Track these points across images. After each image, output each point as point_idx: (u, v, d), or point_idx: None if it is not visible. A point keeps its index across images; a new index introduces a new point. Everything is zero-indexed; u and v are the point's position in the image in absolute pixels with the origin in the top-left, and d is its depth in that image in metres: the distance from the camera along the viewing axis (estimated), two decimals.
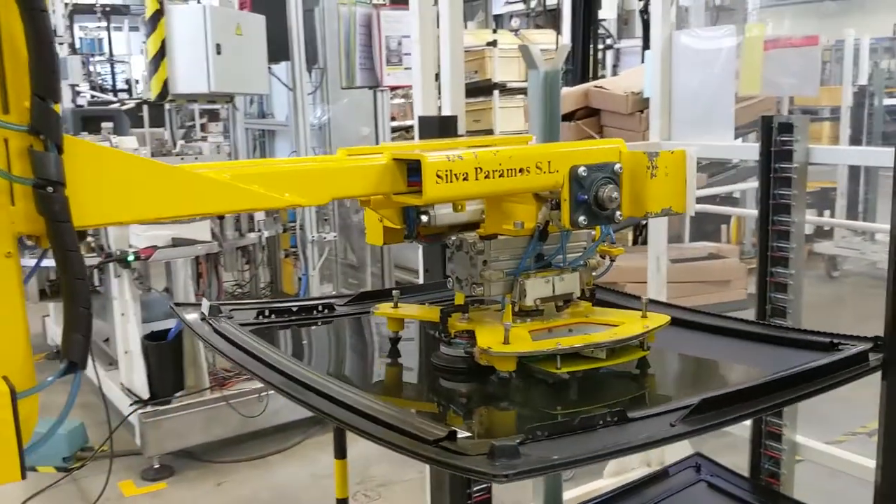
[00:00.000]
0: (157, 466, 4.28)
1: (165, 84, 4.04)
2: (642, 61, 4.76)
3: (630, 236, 5.64)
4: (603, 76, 7.20)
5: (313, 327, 2.33)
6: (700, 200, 5.07)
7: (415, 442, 1.42)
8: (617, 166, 1.81)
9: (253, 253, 5.60)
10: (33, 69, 1.15)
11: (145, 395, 4.32)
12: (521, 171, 1.76)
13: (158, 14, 4.02)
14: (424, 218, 1.90)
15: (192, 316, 2.15)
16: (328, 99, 5.47)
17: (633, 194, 1.84)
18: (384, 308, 2.09)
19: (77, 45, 12.98)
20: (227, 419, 4.38)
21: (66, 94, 7.68)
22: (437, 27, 2.89)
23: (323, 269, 5.38)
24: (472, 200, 1.90)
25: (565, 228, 1.83)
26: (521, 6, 10.02)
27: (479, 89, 6.78)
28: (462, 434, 1.47)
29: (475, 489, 2.90)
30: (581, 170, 1.76)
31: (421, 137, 2.58)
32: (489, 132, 6.63)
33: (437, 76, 2.89)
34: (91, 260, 4.41)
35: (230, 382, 4.54)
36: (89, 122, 6.61)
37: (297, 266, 5.04)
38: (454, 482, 2.97)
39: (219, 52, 4.06)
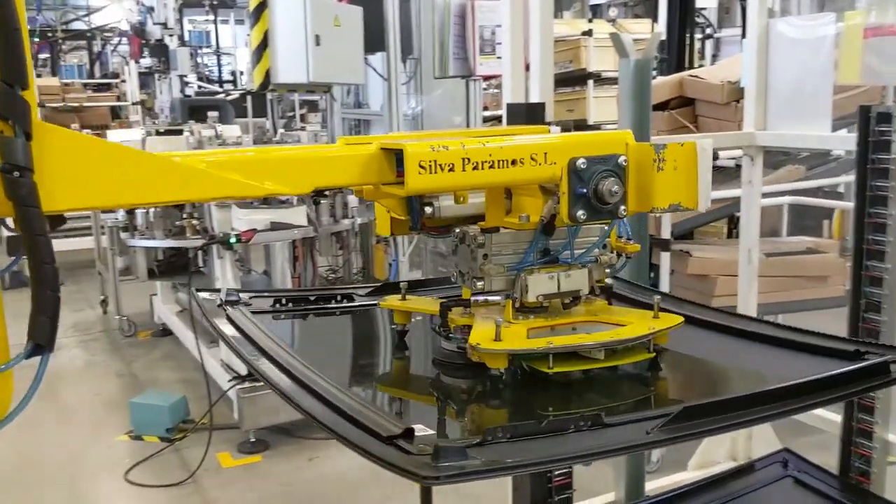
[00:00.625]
0: (252, 440, 4.48)
1: (267, 74, 4.21)
2: (742, 50, 4.66)
3: (725, 229, 5.53)
4: (701, 66, 7.06)
5: (325, 317, 2.28)
6: (798, 194, 4.93)
7: (366, 436, 1.38)
8: (622, 159, 1.73)
9: (346, 238, 5.76)
10: (0, 56, 1.15)
11: (243, 371, 4.52)
12: (513, 162, 1.68)
13: (262, 6, 4.18)
14: (429, 210, 1.84)
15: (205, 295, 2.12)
16: (422, 89, 5.56)
17: (638, 188, 1.74)
18: (391, 300, 2.05)
19: (186, 38, 13.55)
20: None
21: (175, 84, 8.05)
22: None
23: (413, 255, 5.48)
24: (472, 193, 1.82)
25: (566, 223, 1.73)
26: None
27: (574, 79, 6.75)
28: (425, 432, 1.41)
29: (556, 474, 2.94)
30: (580, 162, 1.69)
31: (508, 125, 2.63)
32: (583, 122, 6.60)
33: (529, 66, 2.92)
34: (195, 241, 4.64)
35: None
36: (196, 111, 6.93)
37: (387, 252, 5.16)
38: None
39: (318, 44, 4.19)
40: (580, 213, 1.68)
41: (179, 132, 5.75)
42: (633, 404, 1.78)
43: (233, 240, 4.22)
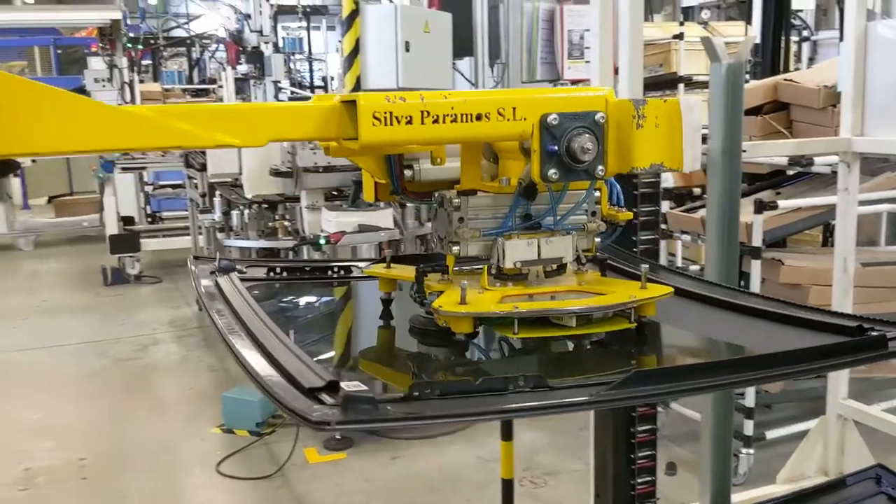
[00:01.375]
0: (338, 437, 4.57)
1: (358, 80, 4.31)
2: (839, 54, 4.52)
3: (820, 237, 5.36)
4: (797, 69, 6.85)
5: (318, 287, 2.29)
6: None
7: (290, 387, 1.34)
8: (599, 115, 1.62)
9: (430, 242, 5.81)
10: None
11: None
12: (478, 117, 1.60)
13: (354, 14, 4.28)
14: (409, 172, 1.80)
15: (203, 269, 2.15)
16: None
17: (618, 147, 1.65)
18: (376, 268, 2.00)
19: (280, 45, 13.91)
20: None
21: (269, 90, 8.29)
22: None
23: None
24: (453, 156, 1.76)
25: (539, 184, 1.65)
26: None
27: (664, 82, 6.65)
28: (354, 388, 1.35)
29: (639, 481, 2.91)
30: (552, 118, 1.60)
31: None
32: None
33: (617, 70, 2.90)
34: (287, 242, 4.78)
35: None
36: None
37: None
38: (618, 474, 3.00)
39: (407, 50, 4.27)
40: (552, 172, 1.61)
41: None
42: (591, 370, 1.72)
43: (322, 241, 4.34)
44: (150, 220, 11.14)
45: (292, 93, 10.57)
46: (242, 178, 5.06)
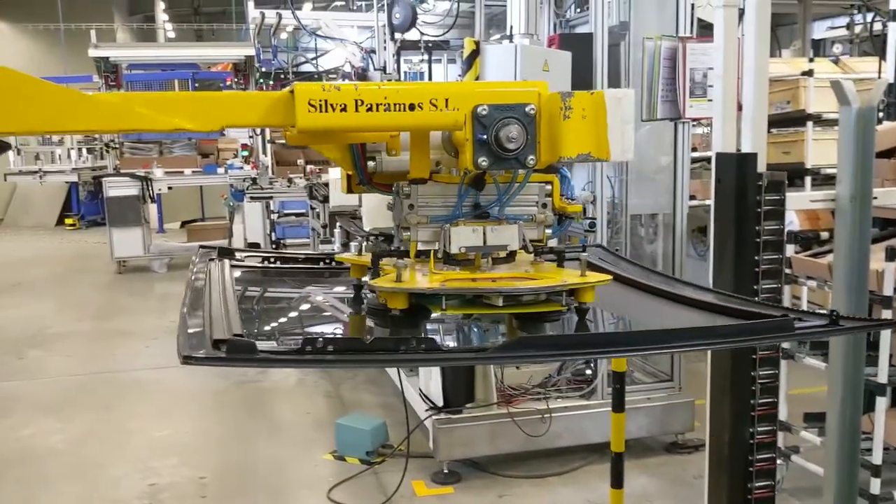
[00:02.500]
0: (446, 471, 4.60)
1: None
2: None
3: None
4: None
5: (309, 276, 2.49)
6: None
7: (206, 340, 1.55)
8: (529, 107, 1.71)
9: None
10: None
11: (440, 401, 4.66)
12: (411, 107, 1.70)
13: (475, 53, 4.35)
14: (371, 164, 1.92)
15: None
16: None
17: (549, 138, 1.73)
18: (348, 255, 2.15)
19: (402, 79, 14.25)
20: (512, 435, 4.58)
21: None
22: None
23: None
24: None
25: (469, 171, 1.75)
26: (844, 32, 9.31)
27: (792, 120, 6.42)
28: (267, 347, 1.54)
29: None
30: (481, 108, 1.70)
31: (717, 176, 2.57)
32: (800, 166, 6.25)
33: (741, 107, 2.84)
34: None
35: (516, 400, 4.75)
36: None
37: None
38: None
39: None
40: (482, 160, 1.69)
41: None
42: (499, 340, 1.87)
43: None
44: (274, 246, 11.59)
45: None
46: (361, 210, 5.20)
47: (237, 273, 2.40)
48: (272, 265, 2.54)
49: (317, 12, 10.14)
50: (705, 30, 5.41)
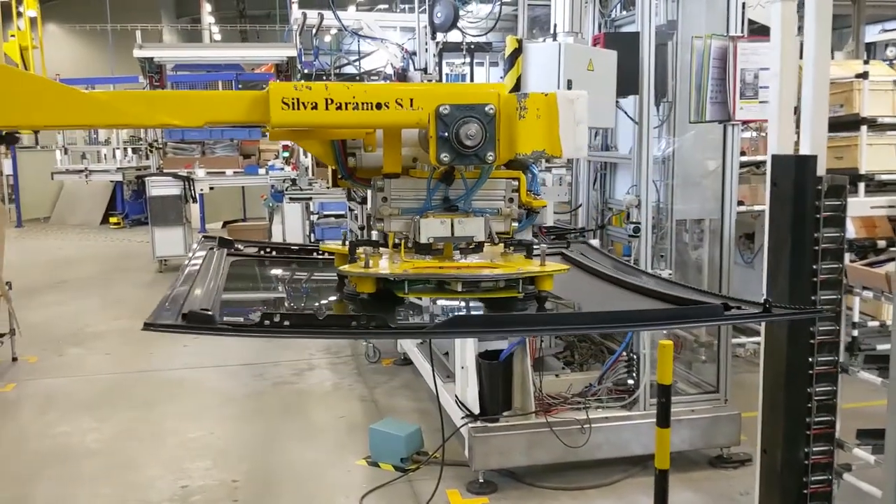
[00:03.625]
0: (481, 481, 4.48)
1: None
2: None
3: None
4: None
5: (303, 266, 2.66)
6: None
7: (178, 308, 1.79)
8: (488, 107, 1.84)
9: None
10: None
11: (476, 409, 4.55)
12: (378, 105, 1.82)
13: (517, 52, 4.23)
14: (351, 160, 2.08)
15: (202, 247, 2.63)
16: (674, 132, 5.35)
17: (507, 136, 1.85)
18: (330, 245, 2.33)
19: (443, 81, 14.15)
20: (550, 445, 4.45)
21: None
22: (801, 59, 2.69)
23: None
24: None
25: (434, 165, 1.89)
26: None
27: (844, 124, 6.20)
28: (231, 320, 1.78)
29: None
30: (443, 108, 1.82)
31: (773, 179, 2.42)
32: (853, 171, 6.02)
33: (796, 110, 2.69)
34: None
35: (555, 409, 4.61)
36: None
37: None
38: None
39: (569, 88, 4.17)
40: (443, 156, 1.84)
41: None
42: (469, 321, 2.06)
43: None
44: None
45: None
46: None
47: (232, 260, 2.62)
48: (268, 255, 2.72)
49: (359, 13, 10.10)
50: (754, 33, 5.24)
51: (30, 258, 12.90)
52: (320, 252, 2.63)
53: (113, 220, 17.17)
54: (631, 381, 4.77)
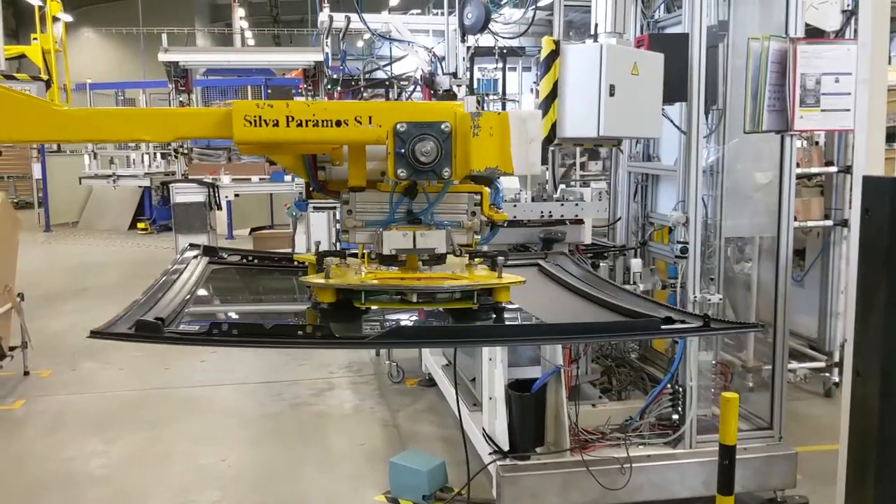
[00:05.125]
0: None
1: (553, 127, 3.86)
2: None
3: None
4: None
5: (285, 274, 2.75)
6: None
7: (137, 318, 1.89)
8: (444, 125, 1.91)
9: None
10: None
11: (505, 445, 4.16)
12: (337, 123, 1.90)
13: (553, 54, 3.86)
14: (322, 173, 2.18)
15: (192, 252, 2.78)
16: (724, 142, 4.93)
17: (462, 153, 1.92)
18: (303, 256, 2.46)
19: (475, 86, 13.80)
20: (586, 486, 4.05)
21: None
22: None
23: None
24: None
25: (393, 180, 1.98)
26: None
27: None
28: (181, 330, 1.89)
29: None
30: (399, 125, 1.90)
31: (865, 205, 2.01)
32: None
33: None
34: None
35: (592, 446, 4.21)
36: None
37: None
38: None
39: (611, 94, 3.78)
40: (400, 171, 1.92)
41: None
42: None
43: None
44: None
45: None
46: None
47: (214, 268, 2.73)
48: (250, 263, 2.79)
49: (387, 15, 9.77)
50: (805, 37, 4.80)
51: (55, 263, 12.76)
52: (302, 263, 2.65)
53: (140, 225, 17.04)
54: (676, 416, 4.35)
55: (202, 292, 2.48)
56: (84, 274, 11.90)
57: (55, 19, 10.31)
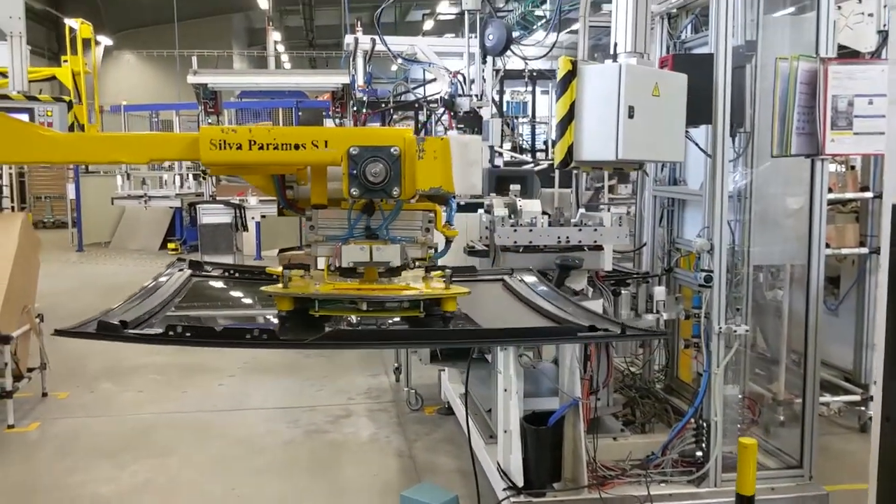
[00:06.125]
0: None
1: (570, 150, 3.72)
2: None
3: None
4: None
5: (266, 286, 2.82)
6: None
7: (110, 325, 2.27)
8: (394, 149, 2.16)
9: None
10: None
11: (520, 480, 3.98)
12: (296, 146, 2.14)
13: (570, 75, 3.72)
14: (290, 192, 2.42)
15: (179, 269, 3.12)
16: (752, 166, 4.75)
17: (409, 175, 2.15)
18: (274, 269, 2.62)
19: (505, 109, 13.71)
20: None
21: (485, 154, 7.92)
22: None
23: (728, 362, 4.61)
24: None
25: (350, 199, 2.24)
26: None
27: None
28: (147, 331, 2.20)
29: None
30: (352, 149, 2.15)
31: (893, 237, 1.84)
32: None
33: None
34: None
35: (611, 483, 4.02)
36: (501, 182, 6.68)
37: (696, 358, 4.36)
38: None
39: (630, 116, 3.63)
40: (353, 190, 2.19)
41: (479, 205, 5.48)
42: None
43: None
44: None
45: (512, 157, 10.21)
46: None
47: (196, 280, 3.03)
48: (232, 276, 3.09)
49: (412, 38, 9.72)
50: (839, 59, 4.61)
51: (84, 283, 12.82)
52: (275, 277, 2.83)
53: (171, 245, 17.13)
54: (700, 453, 4.14)
55: (179, 300, 2.72)
56: (112, 294, 11.86)
57: (89, 42, 10.41)
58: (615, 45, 3.92)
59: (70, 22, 10.58)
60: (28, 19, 6.87)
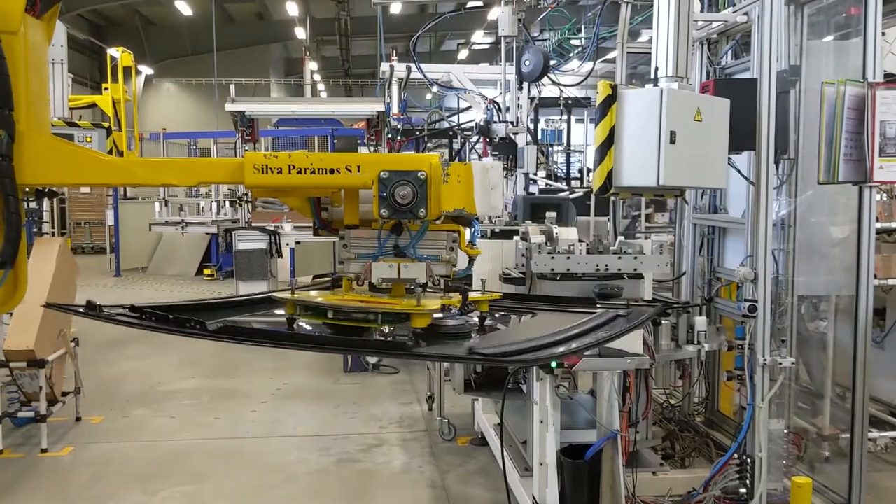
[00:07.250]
0: None
1: (609, 175, 3.65)
2: None
3: None
4: None
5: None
6: None
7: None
8: (420, 173, 2.32)
9: (689, 367, 4.93)
10: None
11: None
12: (331, 171, 2.27)
13: (610, 99, 3.66)
14: (325, 213, 2.56)
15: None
16: (796, 194, 4.63)
17: (435, 197, 2.32)
18: (280, 295, 2.79)
19: (539, 136, 13.69)
20: None
21: (520, 181, 7.86)
22: None
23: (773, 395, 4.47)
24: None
25: (377, 219, 2.39)
26: None
27: None
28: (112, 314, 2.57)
29: None
30: (383, 173, 2.30)
31: None
32: None
33: None
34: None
35: None
36: (538, 209, 6.61)
37: (739, 391, 4.23)
38: None
39: (672, 141, 3.55)
40: (383, 211, 2.34)
41: (514, 232, 5.41)
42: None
43: (553, 364, 3.65)
44: None
45: (546, 184, 10.14)
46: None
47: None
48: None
49: (447, 65, 9.74)
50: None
51: None
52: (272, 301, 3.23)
53: (207, 271, 17.25)
54: (743, 490, 3.99)
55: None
56: None
57: (130, 70, 10.59)
58: (656, 69, 3.85)
59: (111, 51, 10.78)
60: (71, 49, 7.01)
